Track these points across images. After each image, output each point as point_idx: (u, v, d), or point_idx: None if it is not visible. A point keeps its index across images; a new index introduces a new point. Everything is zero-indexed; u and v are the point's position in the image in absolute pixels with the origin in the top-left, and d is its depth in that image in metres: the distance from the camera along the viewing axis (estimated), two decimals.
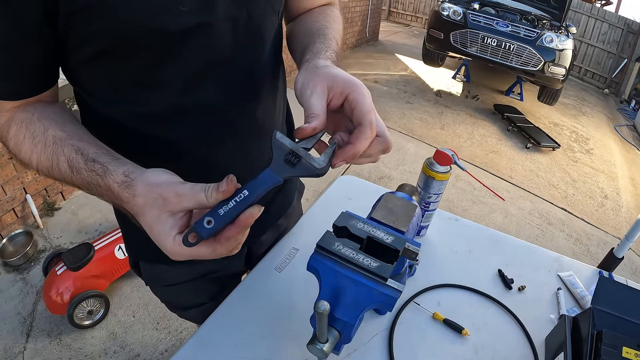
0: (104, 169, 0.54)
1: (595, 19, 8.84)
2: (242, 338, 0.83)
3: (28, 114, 0.61)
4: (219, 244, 0.50)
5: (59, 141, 0.59)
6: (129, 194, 0.52)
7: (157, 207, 0.50)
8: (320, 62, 0.62)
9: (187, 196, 0.48)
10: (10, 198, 2.62)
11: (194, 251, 0.50)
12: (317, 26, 0.78)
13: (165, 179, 0.51)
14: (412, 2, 12.05)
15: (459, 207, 3.64)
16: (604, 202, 4.34)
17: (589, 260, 3.28)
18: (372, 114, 0.55)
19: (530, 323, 0.90)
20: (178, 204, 0.49)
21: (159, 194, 0.49)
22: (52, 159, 0.58)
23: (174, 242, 0.50)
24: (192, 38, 0.62)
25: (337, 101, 0.57)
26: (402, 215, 0.80)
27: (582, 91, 8.60)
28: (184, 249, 0.49)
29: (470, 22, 5.70)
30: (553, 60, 5.42)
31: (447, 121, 5.51)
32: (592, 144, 5.85)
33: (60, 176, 0.59)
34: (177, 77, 0.65)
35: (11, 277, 2.42)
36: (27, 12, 0.53)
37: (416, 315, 0.91)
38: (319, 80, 0.57)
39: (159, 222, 0.50)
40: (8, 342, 2.08)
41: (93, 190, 0.57)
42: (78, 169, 0.56)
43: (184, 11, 0.58)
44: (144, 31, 0.57)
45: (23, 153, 0.61)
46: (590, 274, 1.08)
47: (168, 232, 0.50)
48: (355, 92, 0.55)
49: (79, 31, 0.56)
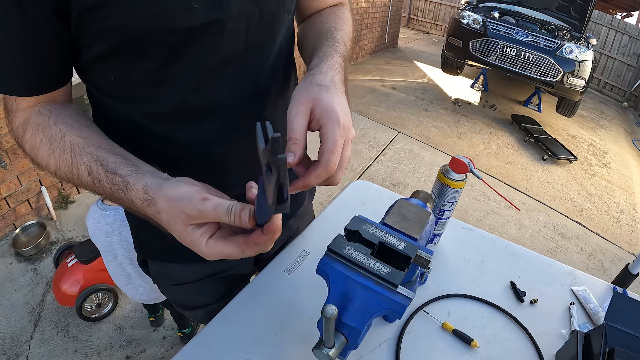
0: (125, 184, 0.55)
1: (615, 31, 8.70)
2: (247, 339, 0.82)
3: (44, 117, 0.62)
4: (247, 247, 0.51)
5: (77, 148, 0.59)
6: (154, 211, 0.52)
7: (181, 222, 0.51)
8: (318, 77, 0.62)
9: (209, 216, 0.49)
10: (26, 189, 2.65)
11: (224, 250, 0.51)
12: (326, 28, 0.78)
13: (186, 192, 0.50)
14: (432, 9, 12.02)
15: (473, 217, 3.60)
16: (620, 217, 4.27)
17: (603, 275, 3.23)
18: (333, 155, 0.54)
19: (541, 337, 0.88)
20: (201, 219, 0.50)
21: (180, 210, 0.50)
22: (72, 167, 0.59)
23: (207, 245, 0.51)
24: (203, 35, 0.62)
25: (314, 127, 0.57)
26: (415, 222, 0.78)
27: (601, 104, 8.47)
28: (217, 249, 0.51)
29: (489, 31, 5.66)
30: (572, 71, 5.36)
31: (464, 130, 5.47)
32: (610, 158, 5.76)
33: (80, 183, 0.60)
34: (188, 75, 0.65)
35: (22, 266, 2.45)
36: (40, 9, 0.53)
37: (425, 325, 0.89)
38: (306, 99, 0.57)
39: (187, 234, 0.51)
40: (16, 330, 2.11)
41: (115, 200, 0.57)
42: (99, 180, 0.57)
43: (196, 8, 0.58)
44: (157, 28, 0.57)
45: (40, 157, 0.62)
46: (604, 289, 1.05)
47: (198, 240, 0.51)
48: (327, 126, 0.56)
49: (92, 28, 0.56)
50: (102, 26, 0.56)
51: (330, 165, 0.54)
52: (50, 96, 0.64)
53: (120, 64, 0.62)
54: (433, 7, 11.94)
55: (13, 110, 0.63)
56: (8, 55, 0.57)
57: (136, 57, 0.61)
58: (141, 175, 0.55)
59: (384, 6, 7.90)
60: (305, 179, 0.55)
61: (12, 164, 2.51)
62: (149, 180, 0.54)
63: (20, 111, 0.63)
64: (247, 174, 0.54)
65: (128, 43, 0.58)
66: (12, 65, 0.58)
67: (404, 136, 4.95)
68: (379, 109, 5.66)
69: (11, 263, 2.47)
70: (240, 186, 0.55)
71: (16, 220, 2.67)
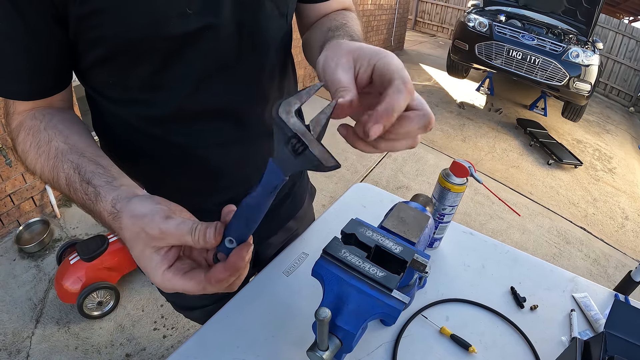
0: (96, 194, 0.52)
1: (622, 35, 8.65)
2: (243, 339, 0.82)
3: (36, 121, 0.62)
4: (209, 284, 0.47)
5: (60, 155, 0.58)
6: (117, 226, 0.49)
7: (141, 242, 0.47)
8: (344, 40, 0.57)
9: (172, 235, 0.45)
10: (30, 187, 2.66)
11: (182, 285, 0.47)
12: (335, 24, 0.73)
13: (149, 210, 0.47)
14: (438, 12, 11.99)
15: (476, 222, 3.59)
16: (625, 223, 4.24)
17: (606, 282, 3.21)
18: (405, 72, 0.47)
19: (540, 344, 0.88)
20: (162, 241, 0.46)
21: (141, 228, 0.46)
22: (53, 173, 0.58)
23: (163, 277, 0.47)
24: (198, 41, 0.62)
25: (365, 73, 0.49)
26: (413, 225, 0.78)
27: (607, 108, 8.42)
28: (173, 283, 0.47)
29: (495, 34, 5.65)
30: (578, 75, 5.33)
31: (469, 133, 5.45)
32: (615, 163, 5.72)
33: (60, 190, 0.59)
34: (183, 80, 0.65)
35: (25, 263, 2.47)
36: (39, 16, 0.54)
37: (423, 329, 0.89)
38: (342, 53, 0.51)
39: (145, 257, 0.48)
40: (17, 326, 2.12)
41: (88, 212, 0.55)
42: (75, 189, 0.55)
43: (190, 14, 0.59)
44: (152, 34, 0.58)
45: (29, 161, 0.62)
46: (606, 296, 1.04)
47: (155, 267, 0.47)
48: (385, 58, 0.48)
49: (89, 34, 0.57)
50: (98, 33, 0.57)
51: (408, 80, 0.46)
52: (49, 101, 0.65)
53: (118, 68, 0.63)
54: (440, 10, 11.91)
55: (10, 113, 0.64)
56: (9, 61, 0.58)
57: (133, 62, 0.62)
58: (114, 188, 0.52)
59: (390, 8, 7.88)
60: (386, 101, 0.45)
61: (17, 162, 2.52)
62: (120, 193, 0.51)
63: (17, 114, 0.64)
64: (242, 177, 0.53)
65: (124, 49, 0.59)
66: (12, 70, 0.59)
67: None
68: None
69: (14, 259, 2.49)
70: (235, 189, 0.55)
71: (20, 217, 2.68)
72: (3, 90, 0.61)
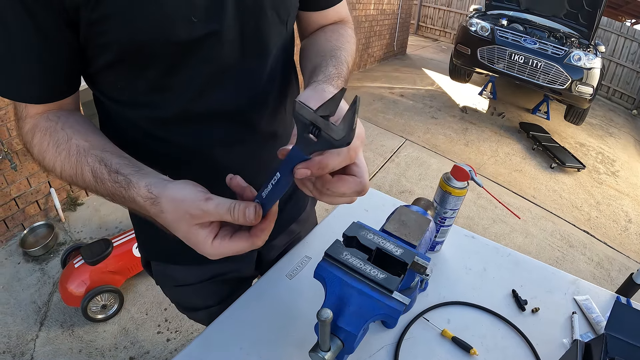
0: (127, 181, 0.56)
1: (625, 38, 8.62)
2: (247, 341, 0.83)
3: (52, 122, 0.64)
4: (256, 237, 0.53)
5: (82, 151, 0.61)
6: (157, 210, 0.54)
7: (185, 223, 0.52)
8: (330, 88, 0.64)
9: (212, 214, 0.51)
10: (35, 190, 2.68)
11: (233, 247, 0.53)
12: (330, 47, 0.79)
13: (189, 193, 0.52)
14: (440, 17, 12.00)
15: (479, 225, 3.59)
16: (628, 226, 4.22)
17: (609, 285, 3.20)
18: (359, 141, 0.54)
19: (541, 346, 0.88)
20: (205, 218, 0.51)
21: (185, 210, 0.51)
22: (76, 168, 0.61)
23: (213, 246, 0.53)
24: (202, 46, 0.64)
25: None
26: (414, 229, 0.79)
27: (610, 111, 8.40)
28: (224, 248, 0.53)
29: (497, 38, 5.65)
30: (581, 78, 5.32)
31: (472, 138, 5.45)
32: (618, 166, 5.70)
33: (84, 185, 0.61)
34: (189, 83, 0.68)
35: (30, 266, 2.48)
36: (52, 22, 0.56)
37: (425, 331, 0.89)
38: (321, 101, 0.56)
39: (192, 234, 0.53)
40: (21, 329, 2.13)
41: (117, 200, 0.59)
42: (102, 179, 0.58)
43: (195, 22, 0.61)
44: (159, 41, 0.60)
45: (47, 160, 0.64)
46: (608, 299, 1.04)
47: (204, 241, 0.53)
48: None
49: (99, 40, 0.59)
50: (107, 38, 0.59)
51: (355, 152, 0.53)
52: (59, 104, 0.66)
53: (125, 72, 0.65)
54: (442, 15, 11.92)
55: (22, 117, 0.66)
56: (23, 66, 0.60)
57: (140, 66, 0.64)
58: (144, 175, 0.56)
59: (393, 13, 7.90)
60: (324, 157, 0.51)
61: (22, 166, 2.54)
62: (151, 179, 0.56)
63: (30, 117, 0.65)
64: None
65: (132, 53, 0.61)
66: (26, 74, 0.61)
67: (411, 143, 4.95)
68: (387, 116, 5.66)
69: (19, 263, 2.50)
70: None
71: (25, 220, 2.70)
72: (17, 94, 0.63)
